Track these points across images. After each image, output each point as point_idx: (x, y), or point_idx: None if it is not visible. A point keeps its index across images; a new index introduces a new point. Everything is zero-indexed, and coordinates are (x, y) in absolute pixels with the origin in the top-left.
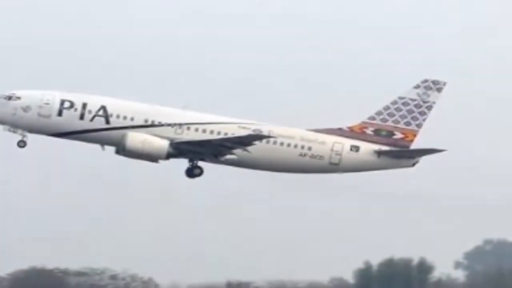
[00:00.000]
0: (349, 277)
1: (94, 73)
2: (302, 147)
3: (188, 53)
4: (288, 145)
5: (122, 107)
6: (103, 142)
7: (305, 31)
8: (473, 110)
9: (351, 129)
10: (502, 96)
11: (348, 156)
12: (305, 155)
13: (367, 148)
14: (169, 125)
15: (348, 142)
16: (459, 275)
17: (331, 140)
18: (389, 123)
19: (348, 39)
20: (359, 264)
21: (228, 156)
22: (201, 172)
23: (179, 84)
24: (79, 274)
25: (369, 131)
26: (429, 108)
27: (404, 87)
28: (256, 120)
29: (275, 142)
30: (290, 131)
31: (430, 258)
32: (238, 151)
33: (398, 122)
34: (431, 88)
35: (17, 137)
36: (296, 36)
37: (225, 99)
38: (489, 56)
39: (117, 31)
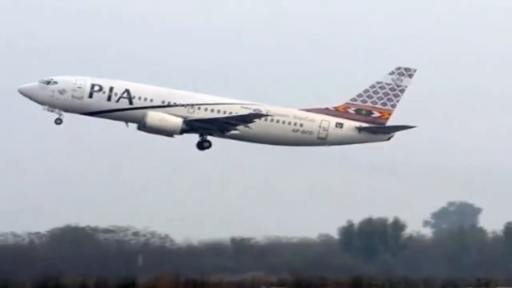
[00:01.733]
0: (334, 234)
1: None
2: (295, 124)
3: (193, 46)
4: (283, 122)
5: (143, 90)
6: (127, 120)
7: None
8: (442, 95)
9: (336, 109)
10: (469, 83)
11: (334, 131)
12: (297, 130)
13: (349, 125)
14: (182, 105)
15: (333, 120)
16: (427, 232)
17: (319, 118)
18: (368, 104)
19: (332, 33)
20: (343, 223)
21: (232, 132)
22: (209, 145)
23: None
24: (107, 231)
25: (351, 110)
26: (402, 91)
27: (380, 73)
28: (256, 101)
29: (272, 120)
30: (285, 110)
31: (402, 218)
32: (241, 127)
33: (376, 103)
34: (403, 74)
35: (54, 115)
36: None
37: (230, 84)
38: (456, 47)
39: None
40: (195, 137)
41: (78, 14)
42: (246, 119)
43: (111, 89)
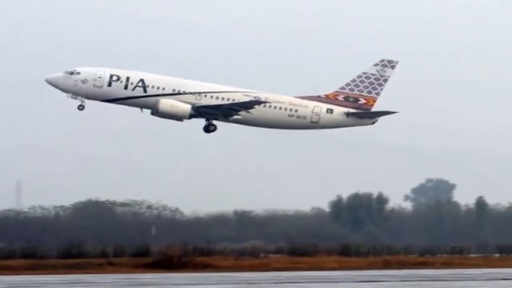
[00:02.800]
0: (325, 207)
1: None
2: (291, 109)
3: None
4: (280, 108)
5: (156, 80)
6: (141, 106)
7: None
8: (420, 84)
9: (327, 96)
10: (444, 73)
11: (325, 116)
12: (292, 116)
13: (339, 111)
14: (191, 93)
15: (324, 106)
16: (408, 205)
17: (312, 104)
18: (355, 92)
19: (324, 30)
20: (333, 197)
21: (235, 116)
22: (215, 128)
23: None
24: (124, 204)
25: (340, 97)
26: (385, 80)
27: (366, 65)
28: (256, 89)
29: (270, 106)
30: (281, 98)
31: (386, 193)
32: (242, 113)
33: (362, 91)
34: (387, 66)
35: (77, 102)
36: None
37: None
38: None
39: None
40: (202, 122)
41: (100, 12)
42: (247, 105)
43: (127, 79)
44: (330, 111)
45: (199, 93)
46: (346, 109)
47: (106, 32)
